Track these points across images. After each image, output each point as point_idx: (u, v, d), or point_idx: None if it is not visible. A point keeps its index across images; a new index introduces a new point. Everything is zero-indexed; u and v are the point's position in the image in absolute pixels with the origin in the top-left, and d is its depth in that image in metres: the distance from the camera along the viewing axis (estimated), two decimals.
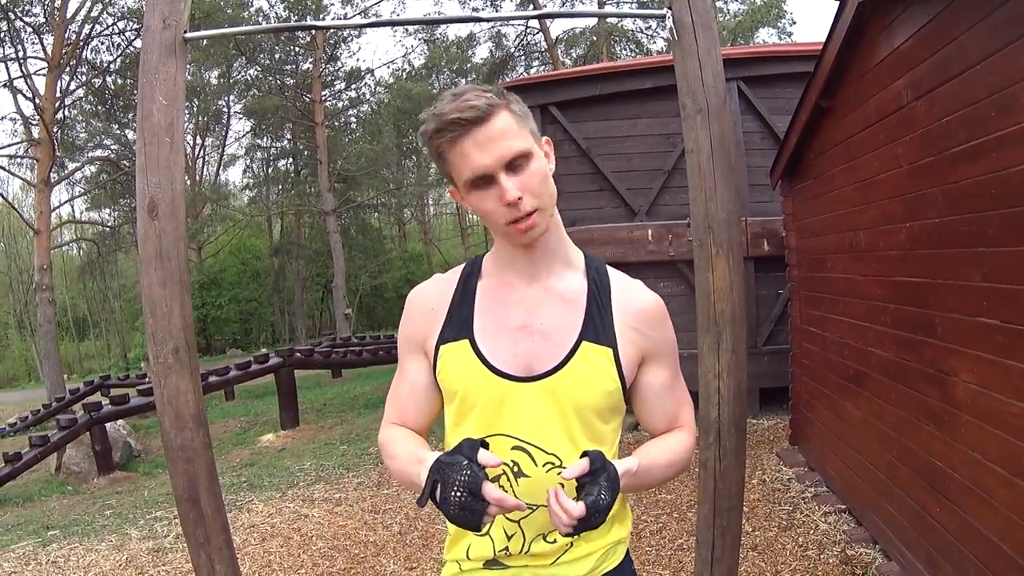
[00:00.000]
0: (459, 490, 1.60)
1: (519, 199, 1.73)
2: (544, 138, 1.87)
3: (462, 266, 2.02)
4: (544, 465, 1.83)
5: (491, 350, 1.86)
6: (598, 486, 1.66)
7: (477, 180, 1.74)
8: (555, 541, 1.87)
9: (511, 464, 1.84)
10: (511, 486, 1.84)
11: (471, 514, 1.61)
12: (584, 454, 1.70)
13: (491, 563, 1.92)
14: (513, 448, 1.84)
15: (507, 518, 1.85)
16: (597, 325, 1.87)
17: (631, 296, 1.93)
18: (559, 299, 1.89)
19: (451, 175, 1.80)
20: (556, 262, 1.92)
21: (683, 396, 2.03)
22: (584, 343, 1.85)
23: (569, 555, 1.89)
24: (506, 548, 1.88)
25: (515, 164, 1.73)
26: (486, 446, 1.71)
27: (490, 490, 1.61)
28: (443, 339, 1.90)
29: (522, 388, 1.83)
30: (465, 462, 1.63)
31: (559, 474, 1.79)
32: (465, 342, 1.87)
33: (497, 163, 1.71)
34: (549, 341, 1.85)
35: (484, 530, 1.76)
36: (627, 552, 2.03)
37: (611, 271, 1.98)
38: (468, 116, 1.68)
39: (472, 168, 1.72)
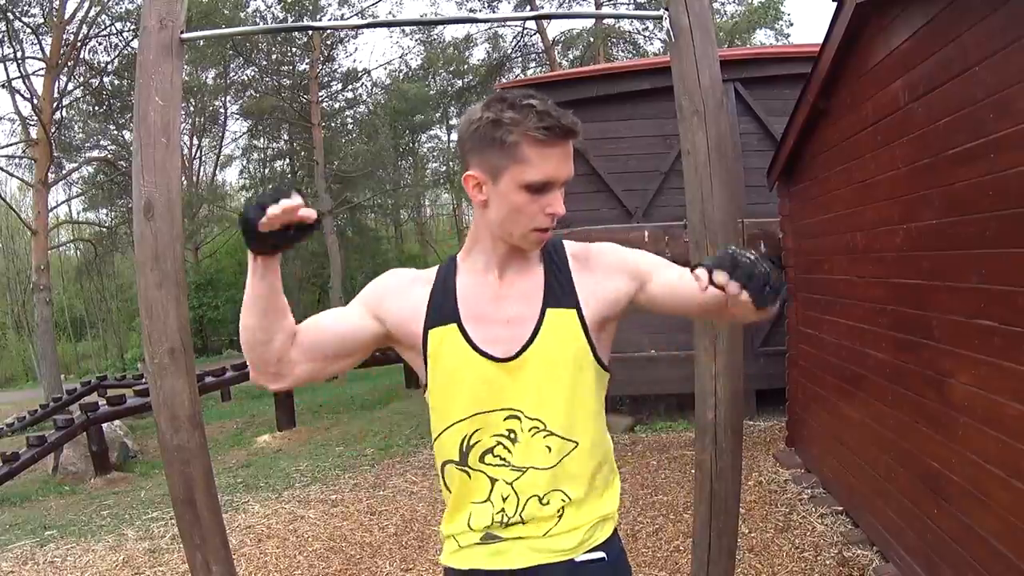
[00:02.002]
0: (257, 200, 1.71)
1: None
2: None
3: (436, 267, 2.12)
4: (530, 430, 1.95)
5: (475, 334, 1.96)
6: (744, 259, 1.55)
7: (539, 185, 1.83)
8: (548, 503, 1.96)
9: (507, 432, 1.95)
10: (508, 451, 1.95)
11: (259, 207, 1.70)
12: (696, 267, 1.60)
13: (487, 537, 1.99)
14: (506, 418, 1.95)
15: (504, 481, 1.96)
16: (556, 291, 1.98)
17: (582, 253, 2.06)
18: (521, 285, 2.00)
19: (505, 165, 1.84)
20: (523, 255, 2.02)
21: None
22: (548, 310, 1.97)
23: (559, 528, 1.97)
24: (502, 510, 1.96)
25: (565, 185, 1.88)
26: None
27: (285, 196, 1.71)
28: (430, 324, 1.99)
29: (504, 367, 1.94)
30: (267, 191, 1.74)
31: (546, 439, 1.94)
32: (453, 326, 1.97)
33: (564, 179, 1.86)
34: (517, 324, 1.97)
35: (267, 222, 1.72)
36: (615, 529, 2.10)
37: (567, 241, 2.10)
38: (573, 128, 1.82)
39: (547, 173, 1.83)
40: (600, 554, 2.01)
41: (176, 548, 6.43)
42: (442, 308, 1.99)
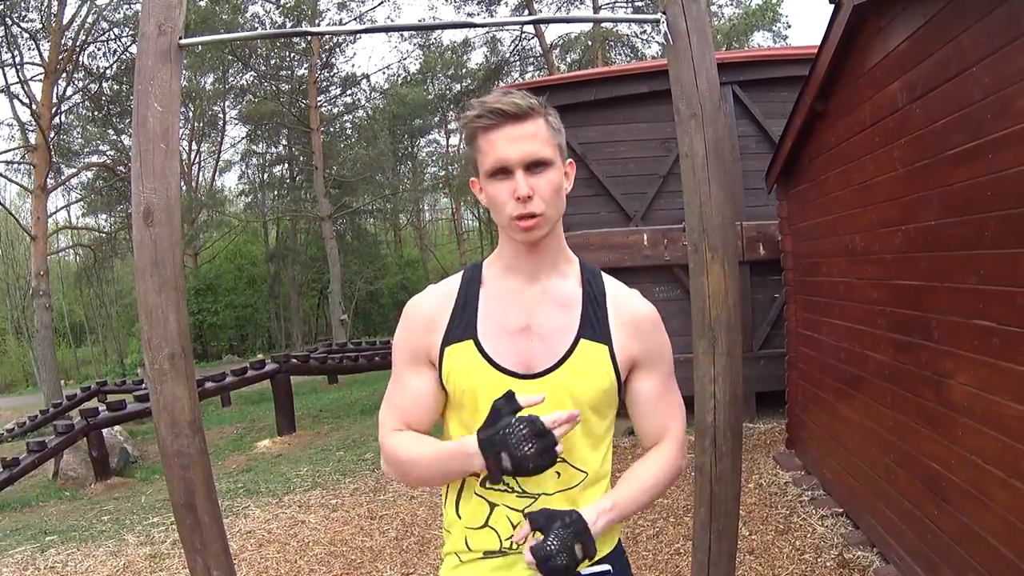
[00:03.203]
0: (529, 443, 1.75)
1: (529, 197, 1.83)
2: (568, 160, 1.96)
3: (460, 274, 2.09)
4: None
5: (495, 349, 1.93)
6: (551, 536, 1.79)
7: (498, 170, 1.85)
8: None
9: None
10: (516, 477, 1.91)
11: (548, 451, 1.76)
12: (527, 516, 1.87)
13: (491, 553, 1.98)
14: None
15: (511, 508, 1.94)
16: (593, 324, 1.97)
17: (625, 303, 2.03)
18: (556, 302, 1.98)
19: (477, 161, 1.91)
20: (554, 267, 2.00)
21: (674, 406, 2.10)
22: (582, 340, 1.95)
23: None
24: (511, 537, 1.94)
25: (535, 167, 1.84)
26: (513, 394, 1.84)
27: (547, 419, 1.76)
28: (447, 341, 1.97)
29: (524, 385, 1.90)
30: (514, 419, 1.78)
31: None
32: (469, 342, 1.95)
33: (519, 160, 1.83)
34: (547, 342, 1.94)
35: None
36: (619, 540, 2.10)
37: (606, 277, 2.07)
38: (508, 110, 1.83)
39: (496, 157, 1.84)
40: (606, 566, 1.99)
41: (177, 553, 6.43)
42: (461, 324, 1.98)
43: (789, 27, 33.92)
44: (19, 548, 7.21)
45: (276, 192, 40.12)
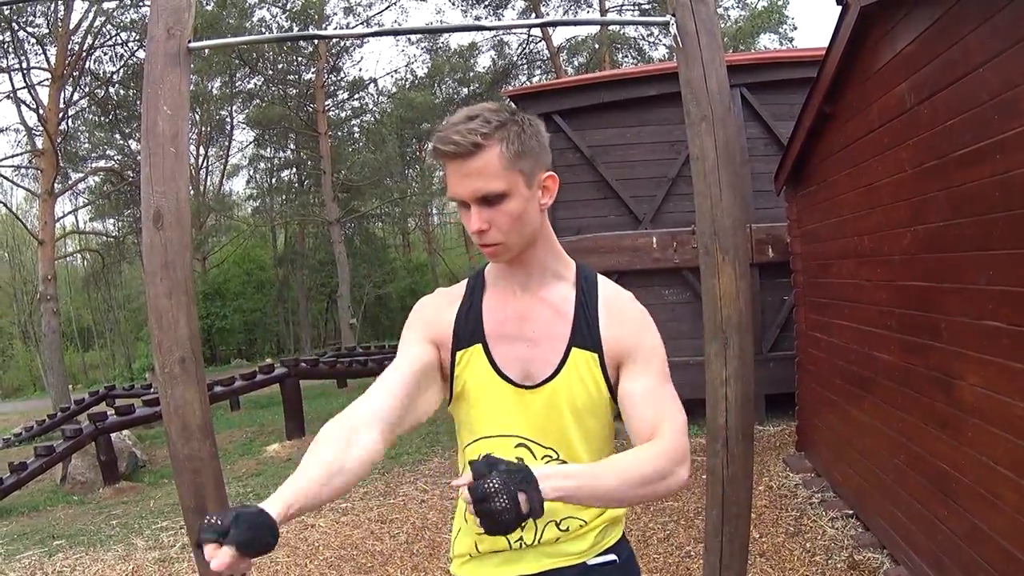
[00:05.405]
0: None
1: (483, 231, 1.83)
2: (548, 174, 1.89)
3: (466, 280, 2.12)
4: (543, 458, 1.97)
5: (499, 354, 1.97)
6: (490, 478, 1.54)
7: (453, 200, 1.86)
8: (567, 529, 1.98)
9: (516, 460, 1.89)
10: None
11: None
12: (470, 464, 1.65)
13: (500, 551, 2.02)
14: (517, 446, 1.97)
15: None
16: (584, 332, 1.96)
17: (614, 304, 2.01)
18: (549, 308, 1.99)
19: None
20: (547, 273, 2.01)
21: (669, 407, 1.93)
22: (574, 349, 1.96)
23: (571, 533, 2.00)
24: (520, 539, 1.98)
25: (488, 200, 1.81)
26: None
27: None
28: (458, 346, 1.99)
29: (525, 394, 1.95)
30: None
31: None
32: (478, 346, 1.98)
33: (470, 197, 1.81)
34: (541, 348, 1.96)
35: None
36: (623, 533, 2.13)
37: (601, 280, 2.06)
38: (448, 150, 1.77)
39: (450, 192, 1.85)
40: (611, 556, 2.04)
41: (186, 557, 6.43)
42: (469, 328, 1.99)
43: (795, 29, 33.99)
44: (27, 552, 7.22)
45: (284, 196, 40.08)
